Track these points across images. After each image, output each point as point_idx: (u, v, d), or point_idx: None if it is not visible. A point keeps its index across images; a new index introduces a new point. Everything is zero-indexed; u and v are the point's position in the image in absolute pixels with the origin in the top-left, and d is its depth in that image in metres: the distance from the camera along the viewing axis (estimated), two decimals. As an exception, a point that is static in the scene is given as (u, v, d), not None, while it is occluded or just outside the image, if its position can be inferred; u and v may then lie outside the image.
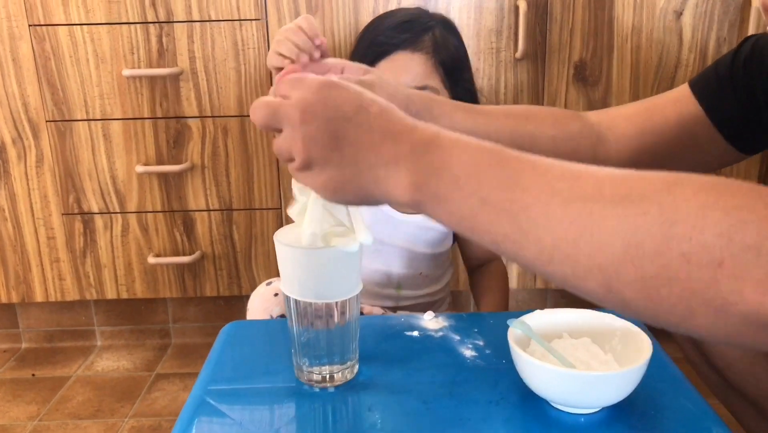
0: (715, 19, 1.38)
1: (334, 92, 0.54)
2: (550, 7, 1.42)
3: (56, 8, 1.42)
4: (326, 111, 0.53)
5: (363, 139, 0.52)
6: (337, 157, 0.52)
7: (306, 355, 0.69)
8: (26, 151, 1.52)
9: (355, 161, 0.52)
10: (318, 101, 0.53)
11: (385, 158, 0.51)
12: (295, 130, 0.53)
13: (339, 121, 0.52)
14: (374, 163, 0.51)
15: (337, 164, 0.53)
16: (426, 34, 1.03)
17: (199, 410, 0.68)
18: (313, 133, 0.53)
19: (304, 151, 0.53)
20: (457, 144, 0.50)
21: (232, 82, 1.47)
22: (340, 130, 0.52)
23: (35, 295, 1.62)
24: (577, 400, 0.64)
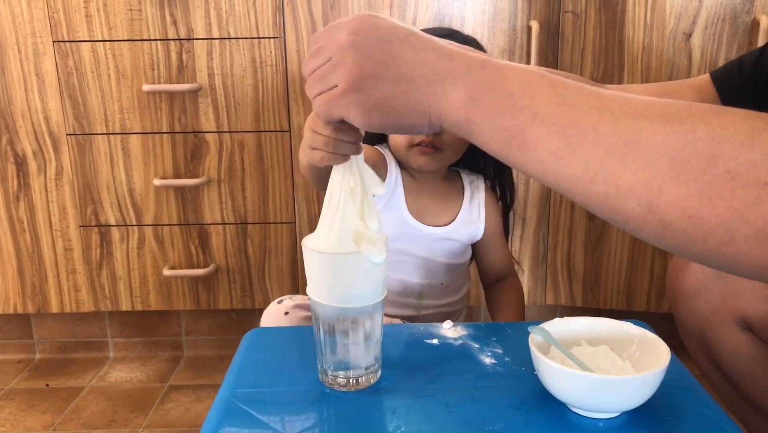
0: (723, 41, 1.41)
1: (381, 19, 0.54)
2: (561, 28, 1.45)
3: (80, 25, 1.46)
4: (379, 31, 0.53)
5: (419, 57, 0.52)
6: (393, 72, 0.52)
7: (331, 359, 0.71)
8: (46, 163, 1.55)
9: (411, 76, 0.52)
10: (369, 23, 0.53)
11: (441, 73, 0.51)
12: (345, 53, 0.53)
13: (393, 40, 0.53)
14: (430, 78, 0.52)
15: (392, 80, 0.52)
16: None
17: (226, 412, 0.70)
18: (366, 51, 0.52)
19: (356, 69, 0.53)
20: (510, 65, 0.51)
21: (249, 99, 1.51)
22: (395, 48, 0.52)
23: (51, 306, 1.64)
24: (597, 404, 0.65)
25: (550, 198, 1.56)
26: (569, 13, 1.44)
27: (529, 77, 0.50)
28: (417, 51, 0.53)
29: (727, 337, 0.89)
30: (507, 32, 1.46)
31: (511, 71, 0.50)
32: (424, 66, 0.52)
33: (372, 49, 0.53)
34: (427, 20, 1.45)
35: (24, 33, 1.47)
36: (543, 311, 1.69)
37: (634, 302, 1.60)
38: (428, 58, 0.52)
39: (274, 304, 1.06)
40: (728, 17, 1.39)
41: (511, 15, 1.45)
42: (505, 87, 0.49)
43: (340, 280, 0.67)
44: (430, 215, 1.07)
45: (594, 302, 1.61)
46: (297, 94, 1.50)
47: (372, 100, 0.53)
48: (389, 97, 0.53)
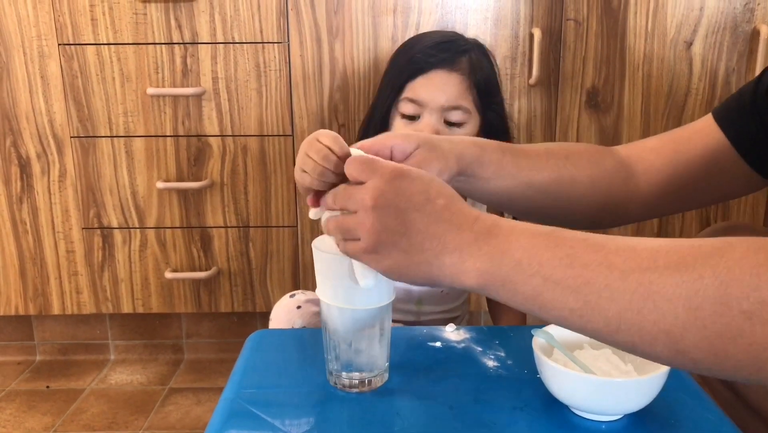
0: (724, 50, 1.42)
1: (405, 183, 0.58)
2: (563, 36, 1.46)
3: (85, 28, 1.47)
4: (398, 200, 0.57)
5: (430, 228, 0.56)
6: (405, 243, 0.57)
7: (339, 361, 0.71)
8: (50, 166, 1.56)
9: (422, 249, 0.56)
10: (390, 190, 0.57)
11: (450, 247, 0.55)
12: (366, 215, 0.57)
13: (409, 211, 0.57)
14: (440, 251, 0.56)
15: (404, 250, 0.57)
16: (463, 56, 1.06)
17: (231, 412, 0.70)
18: (384, 220, 0.57)
19: (373, 235, 0.57)
20: (514, 230, 0.54)
21: (253, 103, 1.51)
22: (410, 219, 0.57)
23: (52, 308, 1.65)
24: (599, 406, 0.66)
25: (550, 204, 1.57)
26: (571, 20, 1.46)
27: (535, 241, 0.53)
28: (430, 222, 0.57)
29: None
30: (509, 39, 1.47)
31: (515, 238, 0.54)
32: (434, 240, 0.56)
33: (389, 218, 0.57)
34: (430, 26, 1.46)
35: (29, 36, 1.48)
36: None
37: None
38: (438, 231, 0.56)
39: (286, 297, 1.05)
40: (729, 26, 1.41)
41: (514, 22, 1.46)
42: (513, 256, 0.53)
43: (349, 282, 0.67)
44: None
45: (594, 308, 1.62)
46: (300, 99, 1.51)
47: (386, 264, 0.58)
48: (402, 264, 0.57)
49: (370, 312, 0.69)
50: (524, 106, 1.51)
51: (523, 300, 0.53)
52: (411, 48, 1.09)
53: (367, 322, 0.69)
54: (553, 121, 1.52)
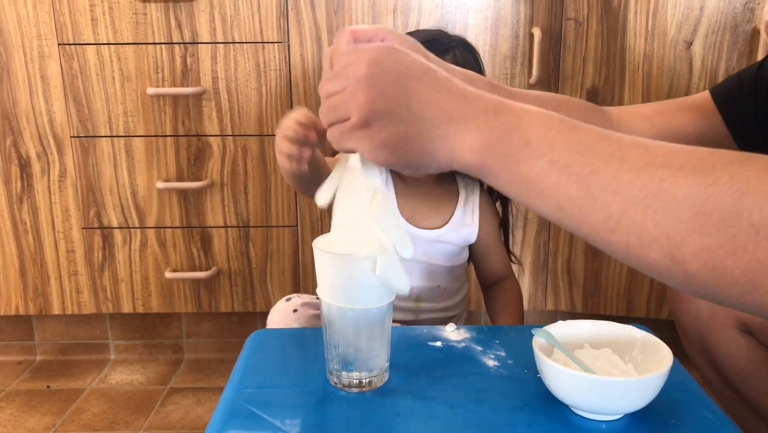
0: (724, 49, 1.42)
1: (402, 54, 0.53)
2: (563, 35, 1.46)
3: (85, 28, 1.47)
4: (396, 67, 0.52)
5: (432, 97, 0.51)
6: (404, 111, 0.51)
7: (339, 360, 0.71)
8: (50, 165, 1.56)
9: (423, 117, 0.51)
10: (387, 59, 0.52)
11: (455, 116, 0.50)
12: (359, 85, 0.52)
13: (408, 79, 0.52)
14: (442, 121, 0.51)
15: (402, 119, 0.51)
16: (448, 54, 1.06)
17: (232, 412, 0.70)
18: (380, 88, 0.51)
19: (367, 105, 0.51)
20: (527, 109, 0.50)
21: (253, 103, 1.51)
22: (410, 87, 0.51)
23: (52, 307, 1.65)
24: (599, 406, 0.66)
25: (551, 204, 1.57)
26: (571, 20, 1.45)
27: (548, 122, 0.49)
28: (431, 91, 0.52)
29: (726, 340, 0.89)
30: (509, 39, 1.47)
31: (528, 116, 0.49)
32: (437, 108, 0.51)
33: (386, 85, 0.52)
34: (429, 26, 1.46)
35: (30, 35, 1.48)
36: (543, 316, 1.70)
37: (634, 308, 1.60)
38: (442, 100, 0.51)
39: (282, 302, 1.06)
40: (729, 26, 1.41)
41: (514, 22, 1.46)
42: (523, 133, 0.49)
43: (347, 280, 0.67)
44: (422, 218, 1.08)
45: (594, 307, 1.62)
46: (300, 99, 1.51)
47: (380, 138, 0.52)
48: (398, 136, 0.52)
49: (370, 312, 0.69)
50: (524, 106, 1.51)
51: (523, 184, 0.48)
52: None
53: (367, 321, 0.69)
54: (553, 120, 1.51)
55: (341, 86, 0.54)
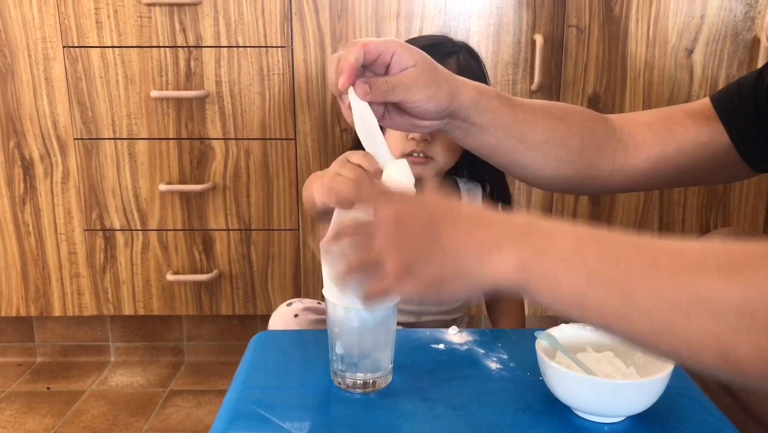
0: (724, 58, 1.43)
1: (423, 198, 0.56)
2: (565, 42, 1.48)
3: (90, 31, 1.48)
4: (421, 214, 0.54)
5: (461, 231, 0.53)
6: (439, 251, 0.53)
7: (344, 361, 0.72)
8: (53, 167, 1.56)
9: (456, 251, 0.52)
10: (411, 208, 0.55)
11: (487, 244, 0.52)
12: (391, 240, 0.54)
13: (435, 221, 0.53)
14: (476, 251, 0.52)
15: (439, 259, 0.53)
16: (451, 58, 1.06)
17: (236, 412, 0.71)
18: (411, 237, 0.53)
19: (405, 254, 0.53)
20: (554, 227, 0.51)
21: (256, 106, 1.52)
22: (437, 228, 0.53)
23: (53, 309, 1.65)
24: (602, 408, 0.66)
25: (552, 209, 1.58)
26: (573, 27, 1.47)
27: (578, 239, 0.50)
28: (460, 227, 0.53)
29: None
30: (511, 45, 1.48)
31: (559, 233, 0.51)
32: (469, 240, 0.52)
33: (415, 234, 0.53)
34: (433, 32, 1.47)
35: (34, 38, 1.49)
36: (544, 321, 1.71)
37: (633, 314, 1.61)
38: (472, 232, 0.53)
39: (283, 306, 1.06)
40: (729, 34, 1.42)
41: (516, 28, 1.47)
42: (555, 250, 0.50)
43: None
44: None
45: (594, 313, 1.62)
46: (303, 103, 1.52)
47: (424, 279, 0.54)
48: (438, 275, 0.53)
49: (375, 313, 0.69)
50: (526, 112, 1.51)
51: (565, 299, 0.49)
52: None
53: (372, 322, 0.70)
54: (555, 127, 1.52)
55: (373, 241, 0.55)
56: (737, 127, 0.81)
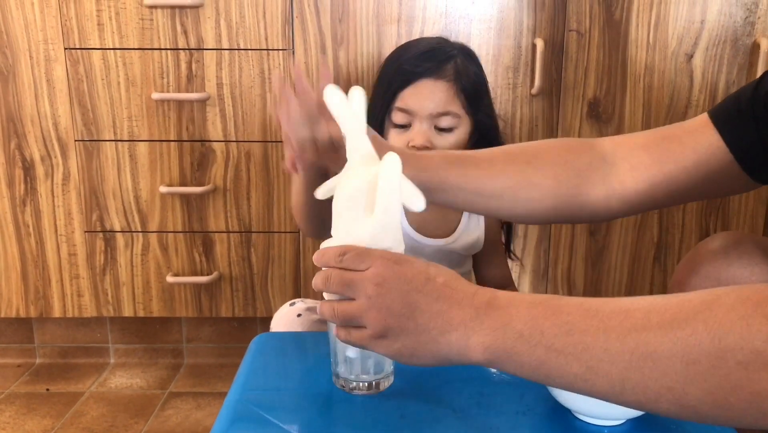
0: (724, 62, 1.44)
1: (405, 267, 0.60)
2: (566, 46, 1.48)
3: (92, 33, 1.48)
4: (399, 283, 0.59)
5: (433, 307, 0.58)
6: (412, 325, 0.58)
7: (345, 363, 0.72)
8: (54, 169, 1.56)
9: (428, 328, 0.58)
10: (391, 276, 0.59)
11: (454, 323, 0.57)
12: (370, 302, 0.59)
13: (412, 292, 0.58)
14: (445, 329, 0.57)
15: (412, 331, 0.58)
16: (448, 63, 1.07)
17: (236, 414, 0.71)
18: (389, 305, 0.58)
19: (380, 322, 0.58)
20: (512, 302, 0.56)
21: (257, 109, 1.53)
22: (413, 300, 0.58)
23: (53, 310, 1.65)
24: (602, 411, 0.67)
25: (551, 213, 1.58)
26: (573, 31, 1.47)
27: (533, 312, 0.54)
28: (431, 301, 0.58)
29: None
30: (512, 49, 1.48)
31: (515, 309, 0.55)
32: (439, 317, 0.57)
33: (393, 303, 0.58)
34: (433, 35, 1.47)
35: (36, 39, 1.49)
36: (542, 325, 1.71)
37: (633, 318, 1.61)
38: (441, 309, 0.58)
39: (286, 306, 1.06)
40: (729, 39, 1.42)
41: (517, 32, 1.48)
42: (514, 328, 0.54)
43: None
44: (429, 227, 1.09)
45: (593, 317, 1.63)
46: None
47: (397, 347, 0.59)
48: (410, 347, 0.58)
49: None
50: (526, 116, 1.52)
51: (530, 370, 0.54)
52: (398, 59, 1.11)
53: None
54: (555, 130, 1.53)
55: (352, 295, 0.60)
56: (738, 141, 0.81)
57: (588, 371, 0.51)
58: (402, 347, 0.59)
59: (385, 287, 0.59)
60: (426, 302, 0.58)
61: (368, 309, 0.59)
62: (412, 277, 0.59)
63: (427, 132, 1.04)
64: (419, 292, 0.58)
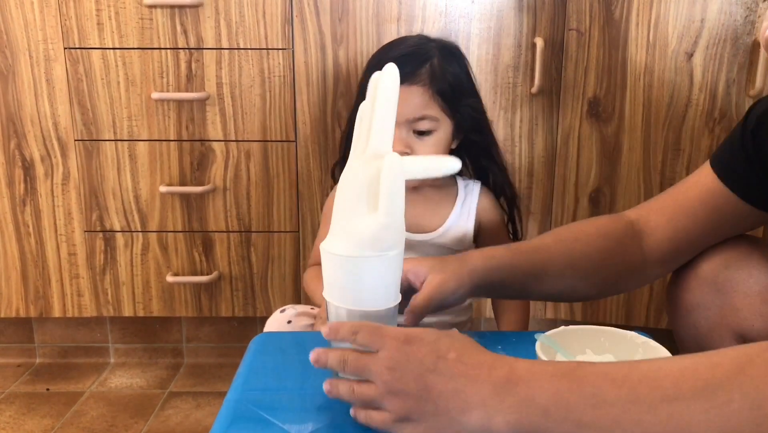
0: (724, 61, 1.43)
1: (414, 347, 0.59)
2: (565, 46, 1.48)
3: (91, 32, 1.48)
4: (412, 366, 0.58)
5: (448, 387, 0.57)
6: (431, 407, 0.57)
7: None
8: (53, 168, 1.56)
9: (447, 409, 0.56)
10: (403, 358, 0.59)
11: (473, 402, 0.55)
12: (386, 387, 0.59)
13: (425, 374, 0.58)
14: (464, 409, 0.56)
15: (432, 414, 0.57)
16: (423, 66, 1.06)
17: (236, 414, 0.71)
18: (404, 389, 0.58)
19: (400, 406, 0.58)
20: (533, 374, 0.54)
21: (257, 108, 1.52)
22: (428, 382, 0.57)
23: (53, 310, 1.65)
24: None
25: (551, 212, 1.58)
26: (573, 30, 1.47)
27: (557, 385, 0.52)
28: (446, 380, 0.57)
29: None
30: (512, 48, 1.48)
31: (537, 383, 0.53)
32: (457, 397, 0.56)
33: (408, 387, 0.58)
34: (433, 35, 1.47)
35: (36, 39, 1.49)
36: (543, 325, 1.71)
37: (633, 317, 1.61)
38: (457, 387, 0.56)
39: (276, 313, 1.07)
40: (729, 38, 1.42)
41: (516, 31, 1.47)
42: (539, 404, 0.53)
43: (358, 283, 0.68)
44: (417, 222, 1.09)
45: (593, 316, 1.63)
46: (303, 105, 1.52)
47: (420, 430, 0.58)
48: (435, 428, 0.57)
49: (378, 314, 0.69)
50: (526, 115, 1.52)
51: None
52: (377, 64, 1.10)
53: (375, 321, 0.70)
54: (555, 130, 1.53)
55: (368, 377, 0.61)
56: (737, 180, 0.83)
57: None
58: (426, 429, 0.58)
59: (398, 371, 0.59)
60: (441, 382, 0.57)
61: (386, 394, 0.59)
62: (423, 357, 0.58)
63: (406, 138, 1.04)
64: (432, 372, 0.58)
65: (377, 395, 0.60)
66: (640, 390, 0.48)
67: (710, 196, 0.85)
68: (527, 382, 0.54)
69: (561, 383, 0.52)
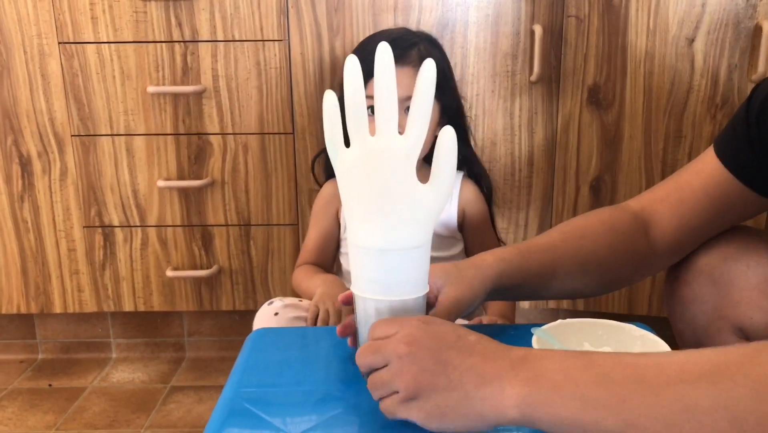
0: (726, 46, 1.41)
1: (435, 326, 0.60)
2: (565, 32, 1.46)
3: (86, 26, 1.47)
4: (431, 341, 0.58)
5: (466, 362, 0.57)
6: (444, 381, 0.57)
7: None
8: (51, 164, 1.56)
9: (461, 383, 0.56)
10: (423, 334, 0.59)
11: (488, 376, 0.56)
12: (402, 362, 0.58)
13: (443, 349, 0.58)
14: (479, 383, 0.56)
15: (443, 388, 0.57)
16: (412, 49, 1.12)
17: (231, 411, 0.70)
18: (420, 362, 0.58)
19: (412, 381, 0.57)
20: (547, 355, 0.56)
21: (253, 101, 1.51)
22: (445, 356, 0.57)
23: (54, 306, 1.65)
24: None
25: (552, 201, 1.56)
26: (572, 17, 1.45)
27: (567, 363, 0.54)
28: (465, 356, 0.57)
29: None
30: (510, 36, 1.47)
31: (549, 362, 0.55)
32: (472, 371, 0.56)
33: (425, 360, 0.58)
34: (430, 24, 1.46)
35: (30, 34, 1.48)
36: (545, 314, 1.70)
37: (635, 306, 1.60)
38: (474, 363, 0.57)
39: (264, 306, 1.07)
40: (731, 23, 1.40)
41: (515, 19, 1.46)
42: (549, 378, 0.54)
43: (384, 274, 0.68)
44: None
45: (596, 305, 1.62)
46: (300, 97, 1.51)
47: (428, 408, 0.58)
48: (443, 405, 0.57)
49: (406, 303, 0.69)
50: (525, 104, 1.50)
51: (564, 424, 0.52)
52: (363, 50, 1.14)
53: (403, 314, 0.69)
54: (555, 118, 1.51)
55: (383, 361, 0.60)
56: (742, 166, 0.82)
57: (625, 426, 0.49)
58: (434, 407, 0.57)
59: (416, 345, 0.58)
60: (459, 357, 0.57)
61: (399, 370, 0.58)
62: (444, 334, 0.59)
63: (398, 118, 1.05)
64: (451, 348, 0.58)
65: (389, 375, 0.59)
66: (647, 373, 0.50)
67: (714, 183, 0.84)
68: (540, 360, 0.55)
69: (571, 362, 0.54)
